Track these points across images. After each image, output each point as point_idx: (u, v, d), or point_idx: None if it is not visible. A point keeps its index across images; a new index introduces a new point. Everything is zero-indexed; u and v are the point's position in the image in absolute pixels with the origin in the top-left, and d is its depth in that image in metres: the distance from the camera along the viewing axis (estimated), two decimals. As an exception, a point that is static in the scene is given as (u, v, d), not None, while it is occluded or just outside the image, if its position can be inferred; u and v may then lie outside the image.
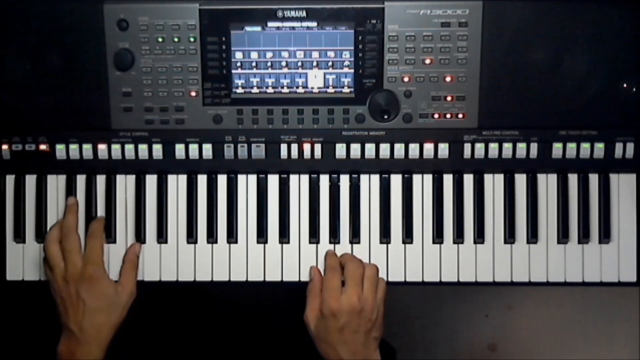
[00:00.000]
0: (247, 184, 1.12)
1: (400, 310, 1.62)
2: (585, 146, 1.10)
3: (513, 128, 1.10)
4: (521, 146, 1.10)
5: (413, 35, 1.07)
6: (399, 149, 1.10)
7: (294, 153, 1.11)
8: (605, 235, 1.11)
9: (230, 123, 1.10)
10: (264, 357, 1.35)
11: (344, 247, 1.12)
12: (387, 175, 1.12)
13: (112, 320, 1.05)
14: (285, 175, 1.12)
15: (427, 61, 1.07)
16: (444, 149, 1.10)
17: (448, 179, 1.12)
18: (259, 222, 1.12)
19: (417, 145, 1.10)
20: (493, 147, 1.10)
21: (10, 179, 1.12)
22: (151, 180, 1.12)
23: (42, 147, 1.11)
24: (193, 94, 1.09)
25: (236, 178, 1.12)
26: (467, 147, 1.10)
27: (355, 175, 1.12)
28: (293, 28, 1.07)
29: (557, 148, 1.10)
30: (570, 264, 1.12)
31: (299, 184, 1.12)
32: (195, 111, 1.09)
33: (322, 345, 1.05)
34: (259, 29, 1.07)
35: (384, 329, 1.08)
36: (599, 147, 1.10)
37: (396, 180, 1.12)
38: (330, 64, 1.08)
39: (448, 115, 1.09)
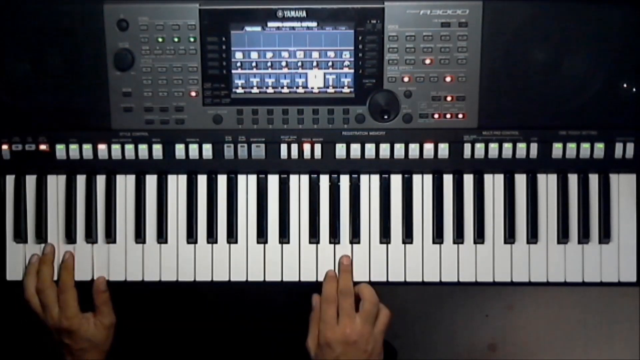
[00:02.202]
0: (247, 184, 1.12)
1: (400, 310, 1.62)
2: (585, 146, 1.10)
3: (513, 128, 1.10)
4: (521, 146, 1.10)
5: (413, 35, 1.07)
6: (399, 149, 1.10)
7: (294, 153, 1.11)
8: (605, 235, 1.11)
9: (230, 123, 1.10)
10: (264, 358, 1.35)
11: (344, 247, 1.12)
12: (387, 175, 1.12)
13: (100, 352, 1.10)
14: (285, 175, 1.12)
15: (427, 61, 1.07)
16: (444, 149, 1.10)
17: (448, 179, 1.12)
18: (259, 222, 1.12)
19: (417, 145, 1.10)
20: (493, 147, 1.10)
21: (10, 179, 1.12)
22: (151, 180, 1.12)
23: (42, 147, 1.11)
24: (193, 94, 1.09)
25: (236, 178, 1.12)
26: (467, 147, 1.10)
27: (355, 175, 1.12)
28: (293, 28, 1.07)
29: (557, 148, 1.10)
30: (570, 264, 1.12)
31: (299, 184, 1.12)
32: (195, 111, 1.09)
33: None
34: (259, 29, 1.07)
35: (382, 357, 1.08)
36: (599, 147, 1.10)
37: (396, 180, 1.12)
38: (330, 64, 1.08)
39: (448, 115, 1.09)
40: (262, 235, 1.12)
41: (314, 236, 1.12)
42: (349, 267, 1.10)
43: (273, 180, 1.12)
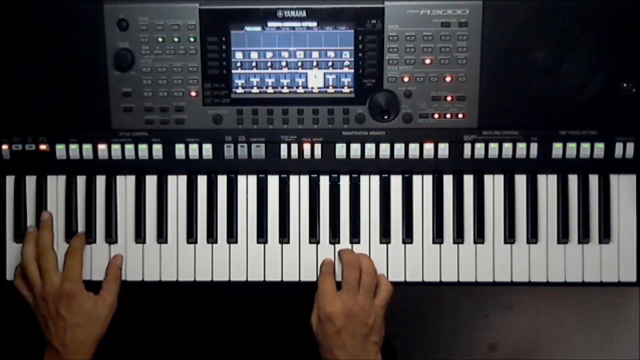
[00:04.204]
0: (247, 184, 1.12)
1: (400, 310, 1.62)
2: (585, 146, 1.10)
3: (513, 128, 1.10)
4: (521, 146, 1.10)
5: (413, 35, 1.07)
6: (399, 149, 1.10)
7: (294, 153, 1.11)
8: (605, 235, 1.11)
9: (230, 123, 1.10)
10: (265, 357, 1.36)
11: (344, 247, 1.12)
12: (387, 175, 1.12)
13: (93, 334, 1.05)
14: (285, 175, 1.12)
15: (427, 61, 1.07)
16: (444, 149, 1.10)
17: (448, 179, 1.12)
18: (259, 222, 1.12)
19: (417, 145, 1.10)
20: (493, 147, 1.10)
21: (10, 180, 1.12)
22: (151, 181, 1.12)
23: (42, 147, 1.11)
24: (193, 94, 1.09)
25: (236, 178, 1.12)
26: (467, 147, 1.10)
27: (355, 175, 1.12)
28: (293, 28, 1.07)
29: (557, 148, 1.10)
30: (570, 264, 1.12)
31: (299, 184, 1.12)
32: (195, 111, 1.09)
33: (322, 350, 1.06)
34: (259, 29, 1.07)
35: (386, 333, 1.08)
36: (599, 147, 1.10)
37: (396, 181, 1.12)
38: (330, 64, 1.08)
39: (448, 115, 1.09)
40: (262, 235, 1.12)
41: (314, 236, 1.12)
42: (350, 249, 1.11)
43: (273, 181, 1.12)
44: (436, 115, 1.09)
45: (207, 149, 1.10)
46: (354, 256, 1.09)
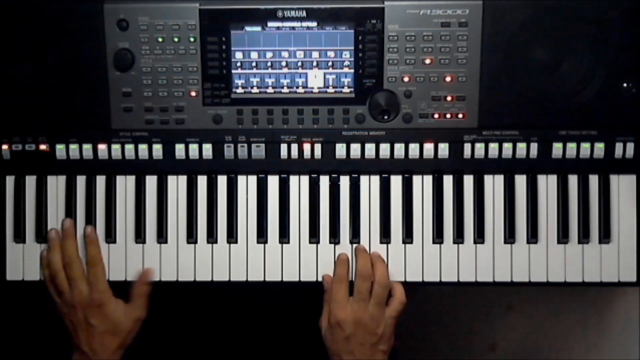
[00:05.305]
0: (247, 184, 1.12)
1: (400, 310, 1.61)
2: (585, 146, 1.10)
3: (513, 128, 1.10)
4: (521, 146, 1.10)
5: (413, 35, 1.07)
6: (399, 149, 1.10)
7: (294, 153, 1.11)
8: (605, 235, 1.11)
9: (230, 123, 1.10)
10: (266, 357, 1.36)
11: (344, 247, 1.12)
12: (387, 176, 1.12)
13: (122, 341, 1.08)
14: (285, 175, 1.12)
15: (427, 61, 1.07)
16: (444, 149, 1.10)
17: (448, 179, 1.12)
18: (259, 222, 1.12)
19: (417, 145, 1.10)
20: (493, 147, 1.10)
21: (10, 180, 1.12)
22: (151, 181, 1.12)
23: (42, 147, 1.11)
24: (193, 94, 1.09)
25: (236, 178, 1.12)
26: (467, 147, 1.10)
27: (355, 175, 1.12)
28: (293, 28, 1.07)
29: (557, 148, 1.10)
30: (570, 264, 1.12)
31: (299, 184, 1.12)
32: (195, 111, 1.09)
33: (330, 353, 1.07)
34: (259, 29, 1.07)
35: (396, 341, 1.09)
36: (599, 147, 1.10)
37: (396, 181, 1.12)
38: (330, 64, 1.08)
39: (448, 115, 1.09)
40: (262, 235, 1.12)
41: (314, 236, 1.12)
42: (365, 249, 1.10)
43: (273, 181, 1.12)
44: (436, 115, 1.09)
45: (207, 149, 1.10)
46: (367, 264, 1.09)
